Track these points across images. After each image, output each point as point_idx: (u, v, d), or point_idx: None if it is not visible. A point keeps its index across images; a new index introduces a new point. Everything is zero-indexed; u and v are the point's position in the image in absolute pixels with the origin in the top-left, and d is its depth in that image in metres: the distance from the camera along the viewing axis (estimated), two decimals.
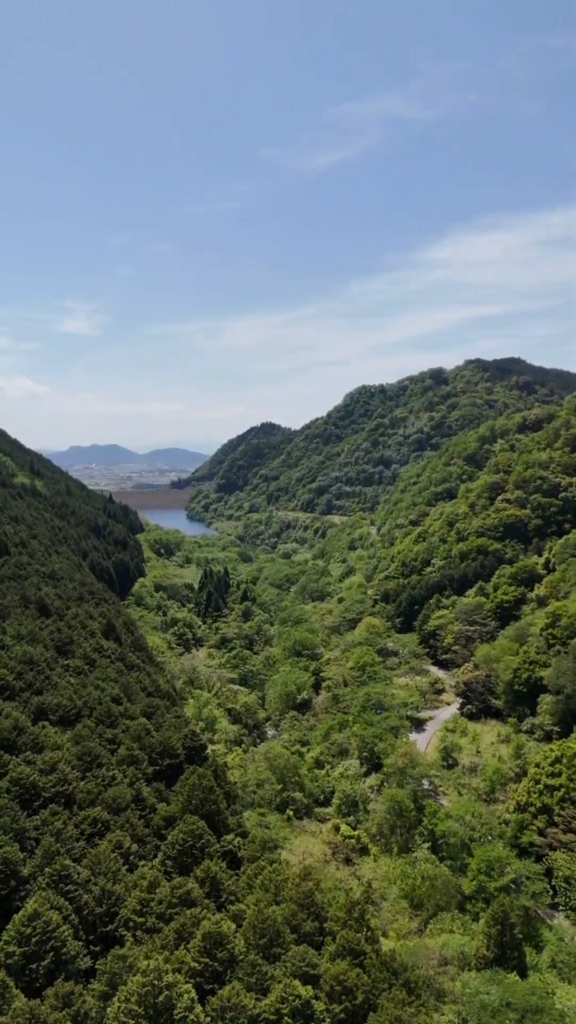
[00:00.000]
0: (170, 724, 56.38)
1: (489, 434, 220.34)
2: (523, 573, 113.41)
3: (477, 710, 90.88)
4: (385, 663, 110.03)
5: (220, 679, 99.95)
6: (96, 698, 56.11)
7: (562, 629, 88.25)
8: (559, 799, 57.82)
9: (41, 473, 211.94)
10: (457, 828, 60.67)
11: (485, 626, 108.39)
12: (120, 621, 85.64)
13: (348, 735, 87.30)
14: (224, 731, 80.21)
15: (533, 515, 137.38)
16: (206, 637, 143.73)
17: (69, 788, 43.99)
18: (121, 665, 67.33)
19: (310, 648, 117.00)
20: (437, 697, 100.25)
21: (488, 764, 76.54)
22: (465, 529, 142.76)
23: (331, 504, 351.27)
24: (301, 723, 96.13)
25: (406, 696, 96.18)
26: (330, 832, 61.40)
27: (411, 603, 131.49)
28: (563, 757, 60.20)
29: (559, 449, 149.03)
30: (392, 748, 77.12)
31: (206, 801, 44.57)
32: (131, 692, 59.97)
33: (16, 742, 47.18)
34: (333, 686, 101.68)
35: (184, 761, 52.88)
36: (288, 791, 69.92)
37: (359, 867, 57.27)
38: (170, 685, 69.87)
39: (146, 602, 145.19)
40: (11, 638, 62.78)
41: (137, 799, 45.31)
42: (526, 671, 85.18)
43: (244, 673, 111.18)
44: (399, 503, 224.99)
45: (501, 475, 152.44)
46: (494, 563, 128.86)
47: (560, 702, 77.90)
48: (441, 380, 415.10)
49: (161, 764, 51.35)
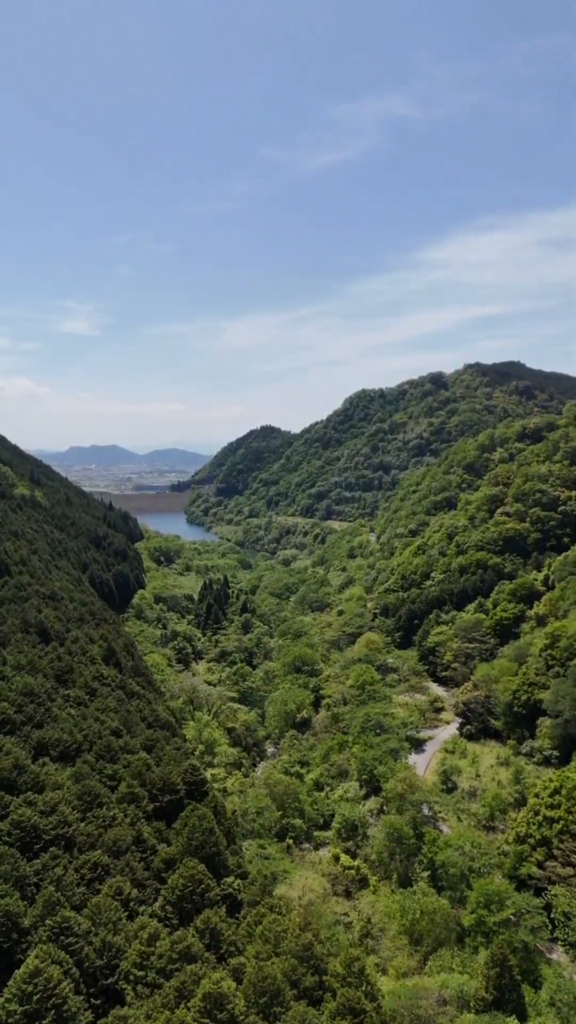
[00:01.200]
0: (170, 757, 56.51)
1: (489, 442, 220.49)
2: (522, 590, 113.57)
3: (476, 730, 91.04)
4: (385, 680, 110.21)
5: (220, 697, 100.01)
6: (96, 731, 56.24)
7: (561, 650, 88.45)
8: (558, 831, 57.98)
9: (41, 482, 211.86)
10: (456, 859, 60.79)
11: (484, 643, 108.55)
12: (120, 643, 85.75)
13: (348, 756, 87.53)
14: (224, 754, 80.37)
15: (532, 528, 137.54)
16: (206, 650, 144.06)
17: (70, 830, 44.12)
18: (121, 693, 67.45)
19: (310, 664, 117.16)
20: (436, 716, 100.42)
21: (487, 789, 76.75)
22: (464, 542, 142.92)
23: (331, 509, 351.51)
24: (301, 742, 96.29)
25: (406, 716, 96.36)
26: (329, 863, 61.55)
27: (411, 617, 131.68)
28: (562, 788, 60.32)
29: (558, 462, 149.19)
30: (391, 772, 77.32)
31: (206, 843, 44.71)
32: (131, 724, 60.10)
33: (17, 781, 47.30)
34: (333, 704, 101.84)
35: (184, 796, 52.99)
36: (288, 817, 70.11)
37: (359, 900, 57.41)
38: (170, 713, 69.95)
39: (146, 615, 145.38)
40: (11, 668, 62.95)
41: (137, 840, 45.43)
42: (525, 693, 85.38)
43: (244, 690, 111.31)
44: (399, 511, 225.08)
45: (500, 487, 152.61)
46: (493, 577, 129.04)
47: (559, 726, 78.08)
48: (441, 384, 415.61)
49: (161, 800, 51.47)
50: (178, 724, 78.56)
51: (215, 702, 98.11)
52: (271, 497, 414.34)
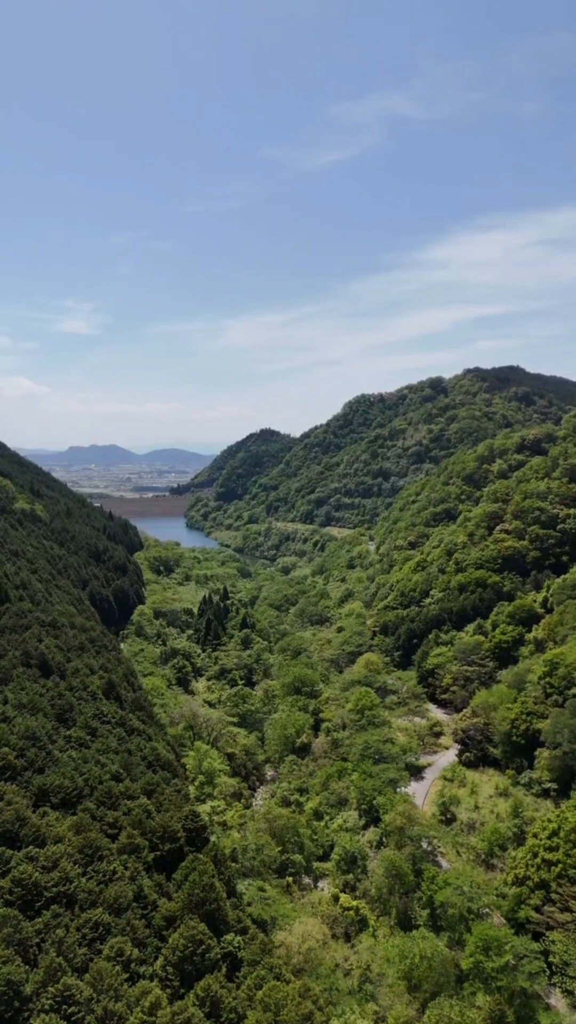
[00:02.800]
0: (170, 801, 56.81)
1: (488, 453, 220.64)
2: (521, 612, 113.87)
3: (475, 758, 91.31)
4: (384, 702, 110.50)
5: (220, 722, 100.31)
6: (97, 776, 56.51)
7: (559, 679, 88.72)
8: (556, 875, 58.28)
9: (40, 492, 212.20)
10: (455, 899, 61.09)
11: (484, 667, 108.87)
12: (120, 673, 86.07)
13: (347, 784, 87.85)
14: (224, 785, 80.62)
15: (531, 547, 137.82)
16: (205, 667, 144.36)
17: (71, 887, 44.41)
18: (122, 731, 67.74)
19: (309, 685, 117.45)
20: (436, 741, 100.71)
21: (486, 821, 77.07)
22: (464, 560, 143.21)
23: (330, 516, 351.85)
24: (300, 768, 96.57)
25: (405, 742, 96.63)
26: (328, 903, 61.85)
27: (410, 636, 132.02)
28: (560, 830, 60.64)
29: (557, 479, 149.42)
30: (391, 804, 77.58)
31: (206, 900, 45.03)
32: (131, 766, 60.37)
33: (18, 834, 47.67)
34: (332, 729, 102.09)
35: (185, 844, 53.31)
36: (288, 853, 70.39)
37: (358, 944, 57.73)
38: (169, 748, 70.24)
39: (146, 631, 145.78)
40: (13, 708, 63.25)
41: (138, 896, 45.74)
42: (524, 723, 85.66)
43: (243, 712, 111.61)
44: (398, 522, 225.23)
45: (500, 504, 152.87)
46: (492, 597, 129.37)
47: (557, 758, 78.35)
48: (440, 390, 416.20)
49: (162, 849, 51.77)
50: (178, 756, 78.89)
51: (215, 727, 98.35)
52: (270, 502, 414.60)
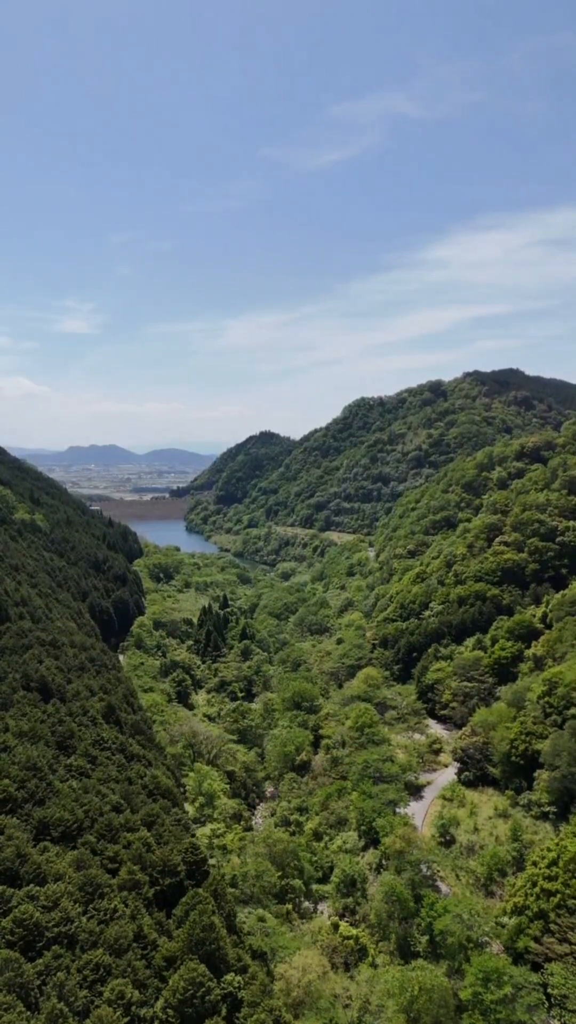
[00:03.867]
0: (170, 832, 57.00)
1: (487, 461, 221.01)
2: (520, 628, 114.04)
3: (474, 777, 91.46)
4: (384, 718, 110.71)
5: (220, 739, 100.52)
6: (97, 808, 56.65)
7: (558, 698, 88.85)
8: (555, 905, 58.44)
9: (40, 501, 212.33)
10: (455, 927, 61.29)
11: (483, 683, 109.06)
12: (120, 694, 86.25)
13: (347, 804, 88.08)
14: (223, 807, 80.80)
15: (530, 559, 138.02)
16: (205, 679, 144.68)
17: (71, 927, 44.56)
18: (121, 758, 67.90)
19: (309, 700, 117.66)
20: (435, 758, 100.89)
21: (486, 844, 77.27)
22: (463, 572, 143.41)
23: (330, 520, 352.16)
24: (300, 787, 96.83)
25: (405, 760, 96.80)
26: (328, 932, 62.06)
27: (409, 650, 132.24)
28: (559, 859, 60.82)
29: (556, 491, 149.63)
30: (390, 826, 77.80)
31: (206, 940, 45.23)
32: (131, 796, 60.51)
33: (19, 872, 47.81)
34: (332, 746, 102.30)
35: (185, 878, 53.53)
36: (287, 878, 70.59)
37: (358, 974, 57.94)
38: (169, 774, 70.38)
39: (145, 643, 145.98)
40: (13, 736, 63.39)
41: (138, 936, 45.92)
42: (523, 743, 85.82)
43: (243, 728, 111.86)
44: (397, 530, 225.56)
45: (499, 516, 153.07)
46: (492, 610, 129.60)
47: (556, 780, 78.47)
48: (439, 393, 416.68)
49: (162, 884, 51.96)
50: (177, 780, 79.08)
51: (215, 744, 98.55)
52: (270, 506, 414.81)
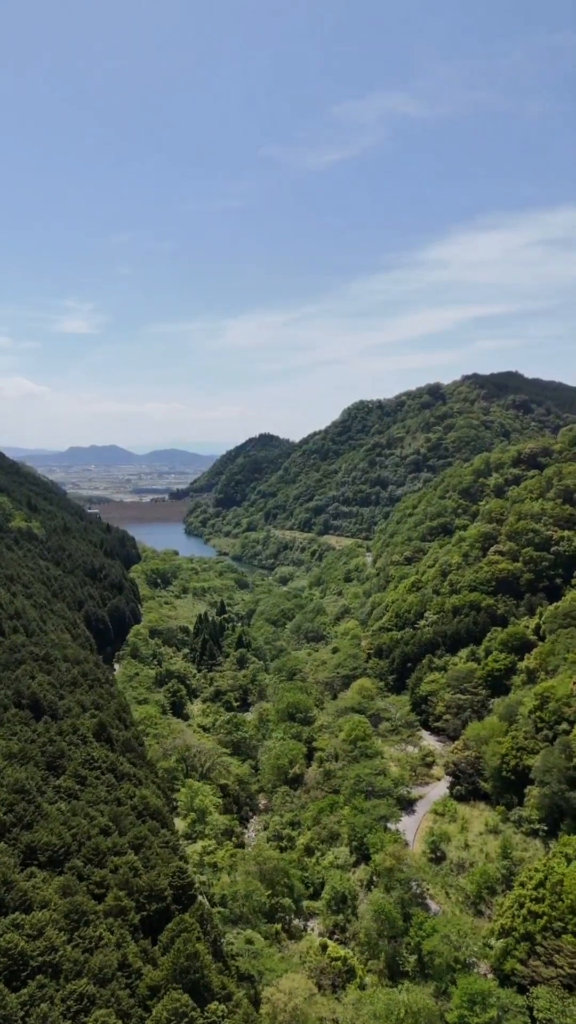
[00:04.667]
0: (158, 856, 57.22)
1: (484, 467, 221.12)
2: (514, 640, 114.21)
3: (466, 792, 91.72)
4: (377, 729, 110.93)
5: (213, 752, 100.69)
6: (85, 831, 56.86)
7: (550, 712, 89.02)
8: (542, 927, 58.60)
9: (38, 507, 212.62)
10: (442, 948, 61.52)
11: (476, 695, 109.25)
12: (113, 710, 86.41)
13: (339, 819, 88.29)
14: (214, 824, 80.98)
15: (525, 569, 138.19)
16: (201, 689, 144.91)
17: (56, 956, 44.77)
18: (111, 777, 68.10)
19: (303, 711, 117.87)
20: (428, 771, 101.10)
21: (476, 861, 77.50)
22: (458, 581, 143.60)
23: (328, 524, 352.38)
24: (293, 800, 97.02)
25: (398, 773, 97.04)
26: (316, 952, 62.26)
27: (404, 660, 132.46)
28: (547, 881, 61.00)
29: (551, 500, 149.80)
30: (381, 842, 78.03)
31: (190, 968, 45.45)
32: (120, 819, 60.72)
33: (4, 899, 48.04)
34: (325, 759, 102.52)
35: (172, 902, 53.75)
36: (277, 896, 70.81)
37: (345, 996, 58.13)
38: (160, 794, 70.56)
39: (141, 653, 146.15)
40: (3, 757, 63.60)
41: (123, 964, 46.13)
42: (513, 758, 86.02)
43: (237, 740, 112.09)
44: (395, 535, 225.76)
45: (494, 525, 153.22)
46: (486, 620, 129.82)
47: (546, 796, 78.67)
48: (438, 396, 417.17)
49: (148, 910, 52.19)
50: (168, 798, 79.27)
51: (208, 758, 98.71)
52: (269, 510, 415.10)
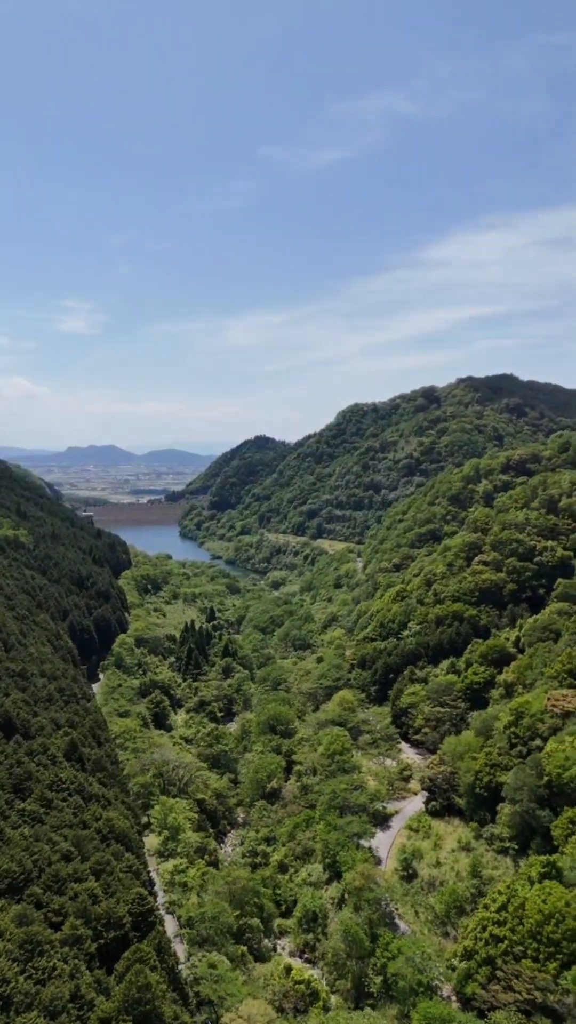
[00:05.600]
0: (119, 882, 57.37)
1: (473, 473, 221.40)
2: (494, 653, 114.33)
3: (441, 807, 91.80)
4: (357, 742, 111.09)
5: (191, 766, 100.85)
6: (47, 856, 57.02)
7: (524, 728, 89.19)
8: (502, 951, 58.82)
9: (27, 514, 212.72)
10: (406, 971, 61.70)
11: (455, 708, 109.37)
12: (88, 726, 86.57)
13: (314, 835, 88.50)
14: (186, 842, 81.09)
15: (508, 579, 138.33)
16: (185, 698, 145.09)
17: (7, 988, 44.95)
18: (79, 799, 68.24)
19: (284, 723, 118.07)
20: (405, 786, 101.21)
21: (446, 880, 77.64)
22: (442, 591, 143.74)
23: (321, 528, 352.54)
24: (269, 815, 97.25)
25: (375, 788, 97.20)
26: (280, 976, 62.44)
27: (387, 671, 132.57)
28: (509, 904, 61.21)
29: (535, 510, 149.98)
30: (352, 860, 78.24)
31: (142, 1000, 45.62)
32: (83, 843, 60.82)
33: None
34: (303, 773, 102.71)
35: (131, 930, 53.95)
36: (246, 917, 71.00)
37: (306, 1021, 58.33)
38: (129, 818, 70.66)
39: (125, 663, 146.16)
40: None
41: (75, 995, 46.29)
42: (487, 775, 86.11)
43: (217, 753, 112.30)
44: (384, 541, 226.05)
45: (479, 535, 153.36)
46: (469, 631, 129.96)
47: (517, 814, 78.82)
48: (433, 399, 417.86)
49: (106, 938, 52.35)
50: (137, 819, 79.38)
51: (186, 773, 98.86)
52: (263, 513, 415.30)
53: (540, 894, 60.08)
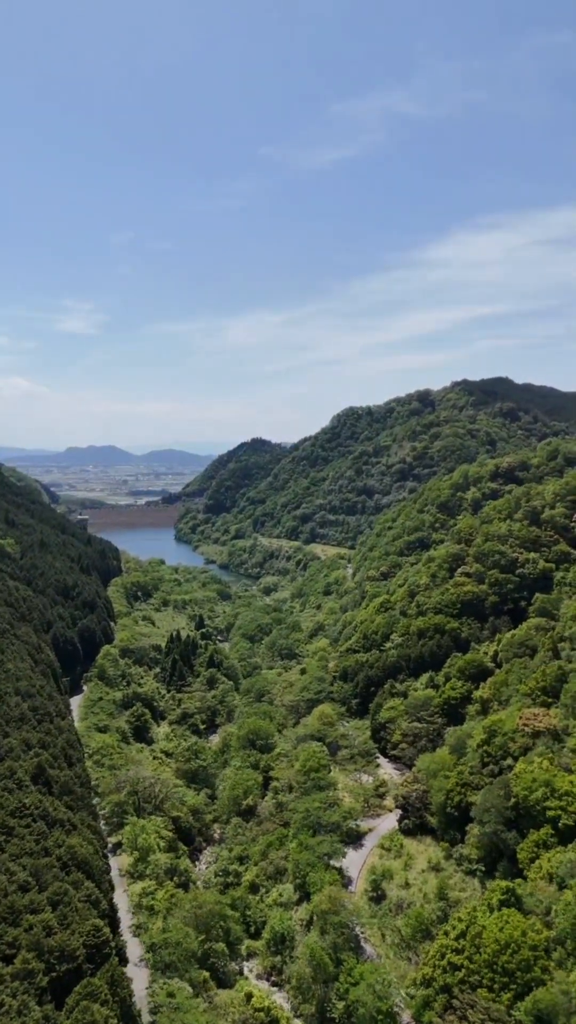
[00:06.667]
0: (76, 912, 57.50)
1: (463, 481, 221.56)
2: (471, 667, 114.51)
3: (414, 825, 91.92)
4: (335, 758, 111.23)
5: (167, 785, 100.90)
6: (3, 888, 57.18)
7: (496, 747, 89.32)
8: (459, 980, 58.96)
9: (15, 523, 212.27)
10: (367, 998, 61.88)
11: (432, 723, 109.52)
12: (59, 747, 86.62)
13: (286, 854, 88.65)
14: (155, 864, 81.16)
15: (490, 591, 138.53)
16: (169, 710, 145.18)
17: None
18: (43, 825, 68.28)
19: (263, 738, 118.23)
20: (380, 802, 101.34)
21: (414, 901, 77.80)
22: (425, 603, 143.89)
23: (315, 532, 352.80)
24: (244, 832, 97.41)
25: (350, 805, 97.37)
26: (241, 1004, 62.58)
27: (368, 684, 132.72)
28: (467, 932, 61.35)
29: (518, 521, 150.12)
30: (321, 882, 78.41)
31: None
32: (42, 873, 60.90)
33: None
34: (279, 789, 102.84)
35: (84, 962, 54.12)
36: (211, 941, 71.13)
37: None
38: (93, 843, 70.66)
39: (109, 674, 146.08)
40: None
41: None
42: (458, 795, 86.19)
43: (195, 769, 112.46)
44: (374, 549, 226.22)
45: (462, 546, 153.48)
46: (450, 644, 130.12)
47: (485, 836, 78.91)
48: (427, 403, 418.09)
49: (59, 971, 52.52)
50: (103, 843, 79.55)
51: (163, 788, 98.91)
52: (257, 517, 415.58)
53: (498, 922, 60.28)
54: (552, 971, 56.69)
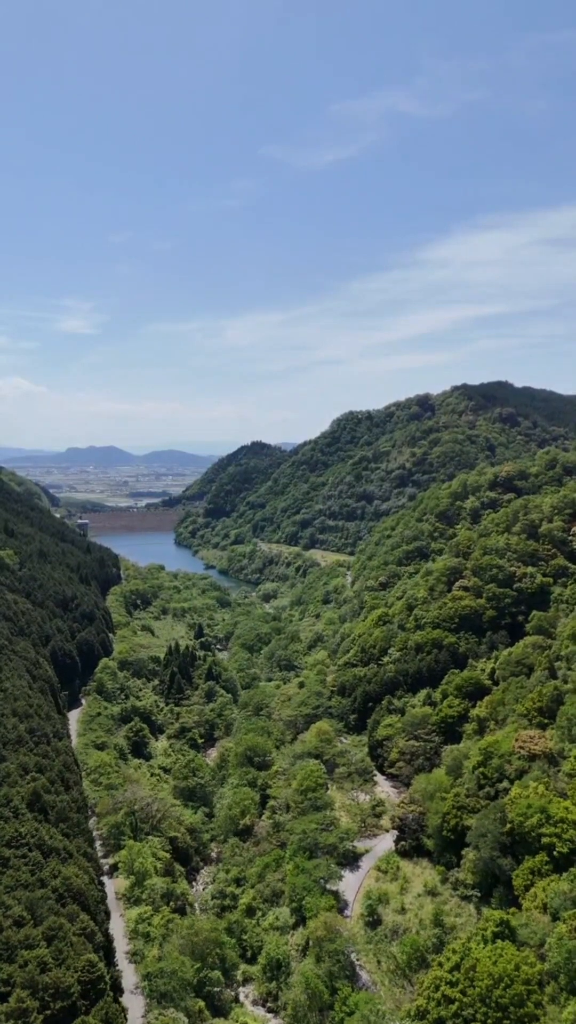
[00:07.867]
0: (71, 947, 57.67)
1: (461, 489, 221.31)
2: (469, 685, 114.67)
3: (411, 847, 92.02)
4: (333, 776, 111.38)
5: (164, 805, 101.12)
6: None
7: (492, 769, 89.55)
8: (453, 1013, 59.07)
9: (15, 532, 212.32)
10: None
11: (430, 742, 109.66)
12: (56, 770, 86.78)
13: (283, 875, 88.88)
14: (152, 888, 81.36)
15: (488, 605, 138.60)
16: (167, 724, 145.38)
17: None
18: (38, 855, 68.50)
19: (261, 755, 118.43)
20: (377, 822, 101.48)
21: (411, 926, 77.97)
22: (423, 617, 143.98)
23: (314, 538, 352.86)
24: (241, 853, 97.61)
25: (347, 824, 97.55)
26: None
27: (366, 700, 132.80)
28: (461, 964, 61.49)
29: (516, 534, 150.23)
30: (316, 907, 78.63)
31: None
32: (37, 906, 61.11)
33: None
34: (277, 809, 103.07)
35: (79, 998, 54.33)
36: (207, 969, 71.34)
37: None
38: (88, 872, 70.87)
39: (107, 688, 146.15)
40: None
41: None
42: (454, 818, 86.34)
43: (192, 786, 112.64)
44: (372, 558, 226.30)
45: (460, 559, 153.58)
46: (447, 659, 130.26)
47: (480, 861, 79.12)
48: (427, 407, 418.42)
49: (53, 1008, 52.71)
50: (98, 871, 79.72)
51: (158, 810, 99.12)
52: (257, 521, 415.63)
53: (492, 955, 60.43)
54: (545, 1006, 56.93)
